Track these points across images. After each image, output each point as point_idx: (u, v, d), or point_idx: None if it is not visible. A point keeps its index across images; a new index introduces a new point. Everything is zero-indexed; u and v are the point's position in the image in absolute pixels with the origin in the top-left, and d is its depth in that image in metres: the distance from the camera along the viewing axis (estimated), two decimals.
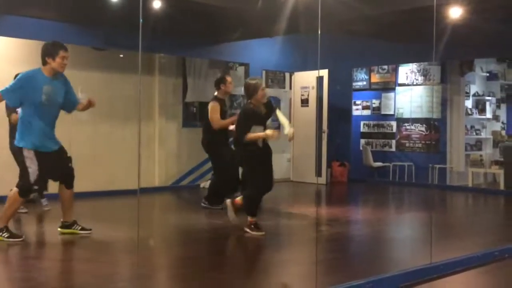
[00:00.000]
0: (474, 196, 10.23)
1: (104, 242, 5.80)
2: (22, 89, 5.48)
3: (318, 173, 11.09)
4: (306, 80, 11.40)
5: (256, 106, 6.17)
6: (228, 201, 6.33)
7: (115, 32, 8.88)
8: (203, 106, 10.90)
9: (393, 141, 11.90)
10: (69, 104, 5.82)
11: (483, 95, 12.17)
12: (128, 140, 9.21)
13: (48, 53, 5.59)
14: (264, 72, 11.48)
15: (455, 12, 7.57)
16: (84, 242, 5.74)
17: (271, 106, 6.37)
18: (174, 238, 6.24)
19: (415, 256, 5.32)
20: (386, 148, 11.94)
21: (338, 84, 11.40)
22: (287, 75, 12.09)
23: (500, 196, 10.05)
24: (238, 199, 6.20)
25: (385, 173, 11.66)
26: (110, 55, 9.48)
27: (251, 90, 6.21)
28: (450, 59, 10.81)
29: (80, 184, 7.99)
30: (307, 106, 11.35)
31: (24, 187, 5.52)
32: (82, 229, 5.89)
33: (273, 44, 11.02)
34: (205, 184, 10.14)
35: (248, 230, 6.04)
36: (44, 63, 5.60)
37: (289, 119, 11.96)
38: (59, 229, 5.90)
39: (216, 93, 7.73)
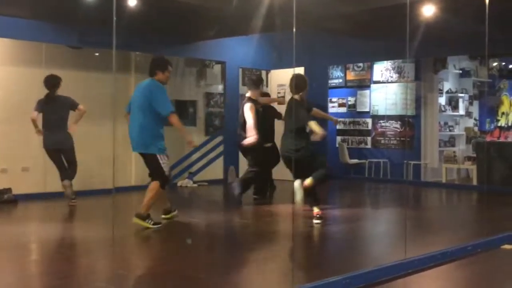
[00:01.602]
0: (447, 191, 10.39)
1: (80, 241, 5.78)
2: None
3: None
4: (282, 78, 11.44)
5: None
6: (298, 182, 6.38)
7: (90, 30, 8.82)
8: (180, 104, 10.93)
9: (369, 138, 12.02)
10: None
11: (456, 92, 12.34)
12: (104, 139, 9.15)
13: (159, 66, 6.44)
14: (240, 70, 11.51)
15: (428, 10, 7.69)
16: (61, 241, 5.71)
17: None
18: (150, 236, 6.23)
19: (390, 252, 5.39)
20: (362, 145, 12.05)
21: (314, 82, 11.45)
22: (263, 73, 12.12)
23: (473, 191, 10.22)
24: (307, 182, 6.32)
25: (361, 170, 11.78)
26: (85, 53, 9.42)
27: (304, 83, 6.54)
28: (424, 56, 10.94)
29: (57, 184, 8.00)
30: (284, 103, 11.38)
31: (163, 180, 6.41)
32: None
33: (250, 42, 11.06)
34: (183, 182, 10.14)
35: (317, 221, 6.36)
36: (153, 74, 6.43)
37: None
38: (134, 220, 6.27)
39: (249, 94, 7.90)
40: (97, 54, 9.60)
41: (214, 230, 6.54)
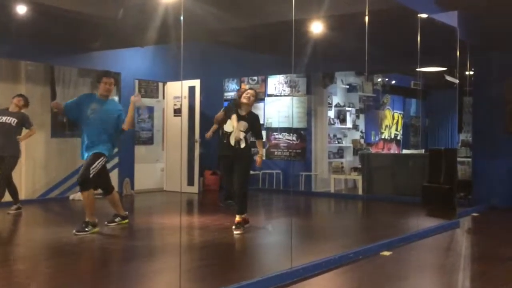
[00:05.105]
0: (335, 201, 10.88)
1: None
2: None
3: (191, 182, 11.24)
4: (178, 90, 11.52)
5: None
6: None
7: None
8: None
9: (263, 150, 12.31)
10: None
11: (344, 106, 12.98)
12: None
13: (97, 79, 7.07)
14: (136, 81, 11.46)
15: (316, 27, 8.06)
16: None
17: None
18: (39, 252, 6.08)
19: (277, 261, 5.62)
20: None
21: (208, 94, 11.63)
22: (160, 84, 12.14)
23: (359, 200, 10.80)
24: None
25: (255, 180, 12.04)
26: None
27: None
28: (313, 71, 11.44)
29: None
30: (180, 115, 11.47)
31: None
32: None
33: (145, 53, 11.05)
34: (75, 196, 9.93)
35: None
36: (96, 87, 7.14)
37: (162, 129, 12.04)
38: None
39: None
40: None
41: (104, 244, 6.50)
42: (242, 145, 6.92)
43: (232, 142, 6.91)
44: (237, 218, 6.92)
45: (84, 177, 6.61)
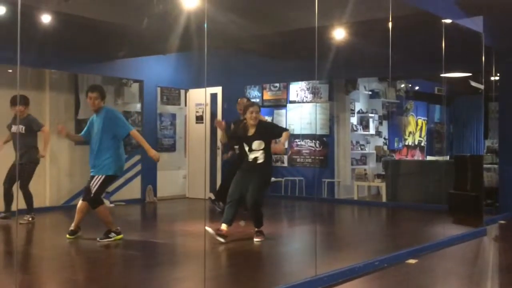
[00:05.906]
0: (359, 208, 10.79)
1: None
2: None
3: (213, 189, 11.22)
4: (200, 97, 11.55)
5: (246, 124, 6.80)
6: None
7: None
8: None
9: (285, 157, 12.30)
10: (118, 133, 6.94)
11: (366, 112, 12.89)
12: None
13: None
14: (159, 89, 11.52)
15: (339, 34, 8.04)
16: None
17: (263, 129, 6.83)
18: (63, 259, 6.12)
19: (301, 269, 5.57)
20: (279, 164, 12.28)
21: (230, 101, 11.61)
22: (182, 92, 12.19)
23: (382, 207, 10.69)
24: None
25: (278, 187, 12.00)
26: None
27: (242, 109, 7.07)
28: (336, 78, 11.39)
29: None
30: (202, 122, 11.51)
31: None
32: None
33: (168, 61, 11.11)
34: None
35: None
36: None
37: (184, 136, 12.08)
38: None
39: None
40: (10, 70, 9.32)
41: (125, 251, 6.52)
42: (260, 160, 6.85)
43: (250, 158, 6.83)
44: (256, 229, 6.92)
45: (89, 199, 6.69)
